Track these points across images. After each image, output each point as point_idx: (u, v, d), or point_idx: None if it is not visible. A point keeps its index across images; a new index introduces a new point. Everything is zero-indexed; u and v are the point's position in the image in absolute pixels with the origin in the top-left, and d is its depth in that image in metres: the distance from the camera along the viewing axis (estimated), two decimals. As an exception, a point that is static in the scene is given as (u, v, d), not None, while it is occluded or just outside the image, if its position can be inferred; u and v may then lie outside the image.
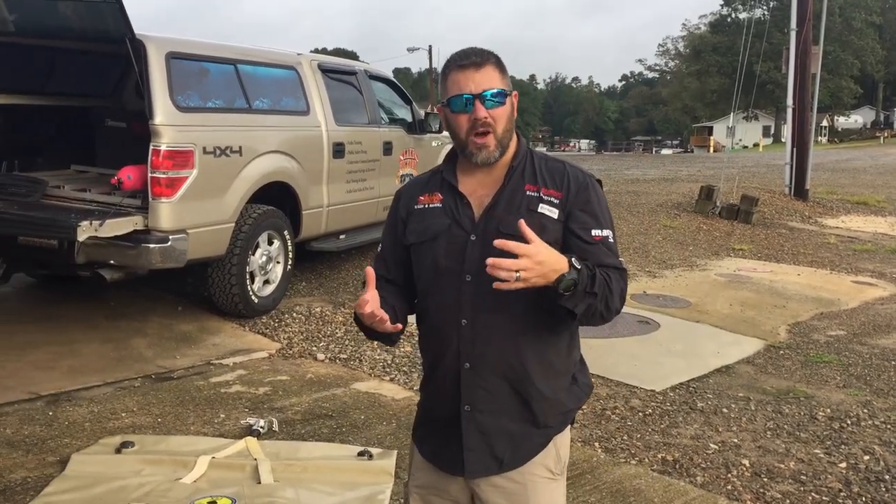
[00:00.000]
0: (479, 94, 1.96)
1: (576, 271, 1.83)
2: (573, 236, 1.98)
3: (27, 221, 5.46)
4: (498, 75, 2.00)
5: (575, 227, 1.99)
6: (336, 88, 7.50)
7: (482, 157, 1.99)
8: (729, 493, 3.87)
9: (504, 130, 2.00)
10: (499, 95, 1.98)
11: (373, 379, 5.33)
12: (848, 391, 5.43)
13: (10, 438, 4.11)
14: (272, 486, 3.63)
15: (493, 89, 1.97)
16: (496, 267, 1.76)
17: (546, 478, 2.06)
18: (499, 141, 1.99)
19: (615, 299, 1.94)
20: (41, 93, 6.81)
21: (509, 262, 1.77)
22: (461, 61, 2.00)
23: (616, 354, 5.97)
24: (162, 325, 6.13)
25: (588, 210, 2.01)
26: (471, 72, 1.98)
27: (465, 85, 1.97)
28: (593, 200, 2.02)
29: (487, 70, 1.99)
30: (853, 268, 10.18)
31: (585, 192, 2.02)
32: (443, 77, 2.05)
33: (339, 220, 7.47)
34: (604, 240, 1.99)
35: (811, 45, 15.08)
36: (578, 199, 2.00)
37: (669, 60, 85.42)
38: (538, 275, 1.79)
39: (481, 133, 1.97)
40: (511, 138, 2.04)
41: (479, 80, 1.97)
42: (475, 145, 1.99)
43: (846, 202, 16.90)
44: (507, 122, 2.00)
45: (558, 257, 1.83)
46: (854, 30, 60.99)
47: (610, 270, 1.95)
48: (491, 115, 1.97)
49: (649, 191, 16.07)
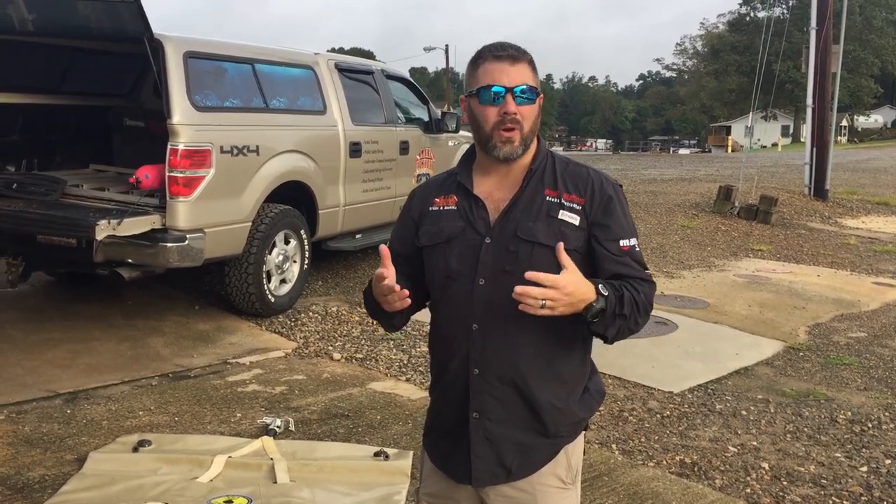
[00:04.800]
0: (511, 87, 1.91)
1: (604, 299, 1.82)
2: (601, 248, 1.94)
3: (46, 220, 5.49)
4: (531, 74, 1.95)
5: (602, 238, 1.94)
6: (353, 88, 7.50)
7: (506, 152, 1.94)
8: (748, 496, 3.83)
9: (530, 130, 1.95)
10: (530, 92, 1.93)
11: (389, 379, 5.32)
12: (869, 394, 5.37)
13: (28, 436, 4.13)
14: (288, 485, 3.63)
15: (526, 85, 1.93)
16: (524, 295, 1.75)
17: (557, 487, 2.01)
18: (524, 139, 1.94)
19: (643, 315, 1.92)
20: (60, 92, 6.85)
21: (537, 290, 1.75)
22: (497, 52, 1.94)
23: (633, 356, 5.93)
24: (179, 324, 6.15)
25: (614, 220, 1.95)
26: (506, 64, 1.92)
27: (498, 77, 1.92)
28: (618, 209, 1.97)
29: (522, 66, 1.94)
30: (874, 269, 10.07)
31: (611, 201, 1.96)
32: (473, 67, 1.98)
33: (356, 220, 7.47)
34: (631, 249, 1.96)
35: (831, 43, 14.93)
36: (603, 208, 1.95)
37: (687, 60, 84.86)
38: (565, 304, 1.78)
39: (509, 128, 1.92)
40: (534, 139, 1.99)
41: (514, 74, 1.92)
42: (500, 138, 1.93)
43: (866, 202, 16.74)
44: (533, 121, 1.95)
45: (587, 287, 1.81)
46: (874, 28, 60.44)
47: (638, 284, 1.92)
48: (520, 111, 1.92)
49: (667, 191, 15.98)
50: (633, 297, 1.89)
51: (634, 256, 1.97)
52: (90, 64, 6.93)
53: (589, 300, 1.81)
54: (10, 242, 5.86)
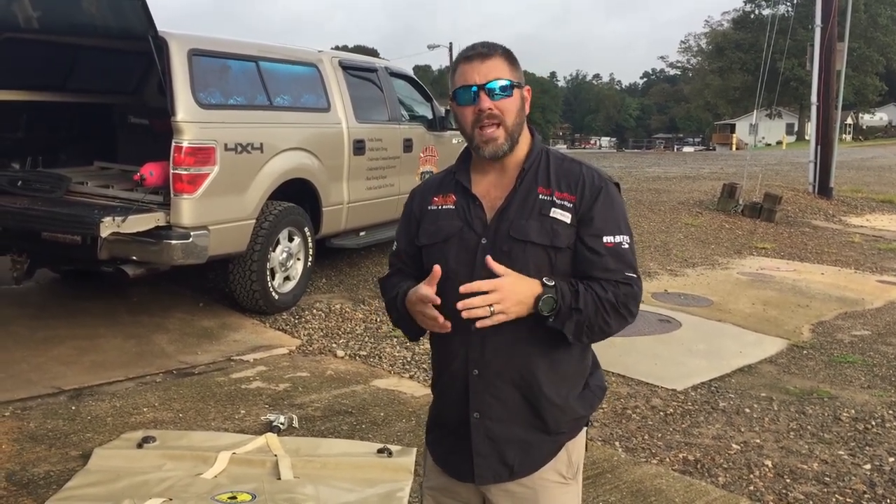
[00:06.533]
0: (483, 84, 1.90)
1: (551, 289, 1.82)
2: (581, 244, 1.91)
3: (51, 217, 5.51)
4: (506, 67, 1.94)
5: (585, 234, 1.91)
6: (357, 85, 7.50)
7: (490, 151, 1.93)
8: (751, 493, 3.83)
9: (514, 124, 1.93)
10: (506, 87, 1.92)
11: (392, 376, 5.33)
12: (873, 392, 5.36)
13: (33, 432, 4.15)
14: (292, 482, 3.64)
15: (500, 80, 1.91)
16: (468, 307, 1.78)
17: (558, 483, 2.01)
18: (509, 134, 1.93)
19: (614, 315, 1.88)
20: (64, 90, 6.87)
21: (478, 299, 1.77)
22: (468, 52, 1.96)
23: (637, 353, 5.93)
24: (183, 321, 6.17)
25: (600, 215, 1.92)
26: (476, 63, 1.92)
27: (470, 76, 1.92)
28: (608, 205, 1.93)
29: (494, 61, 1.93)
30: (878, 267, 10.06)
31: (599, 196, 1.93)
32: (451, 72, 2.00)
33: (360, 217, 7.48)
34: (616, 247, 1.91)
35: (836, 41, 14.91)
36: (592, 204, 1.92)
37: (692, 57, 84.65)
38: (514, 303, 1.79)
39: (488, 125, 1.91)
40: (521, 132, 1.98)
41: (485, 70, 1.91)
42: (481, 138, 1.93)
43: (871, 200, 16.70)
44: (516, 115, 1.94)
45: (529, 282, 1.82)
46: (879, 26, 60.26)
47: (610, 284, 1.88)
48: (498, 106, 1.91)
49: (671, 189, 15.97)
50: (597, 294, 1.86)
51: (619, 255, 1.91)
52: (94, 61, 6.95)
53: (536, 293, 1.81)
54: (14, 239, 5.88)
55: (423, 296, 1.88)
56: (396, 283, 2.08)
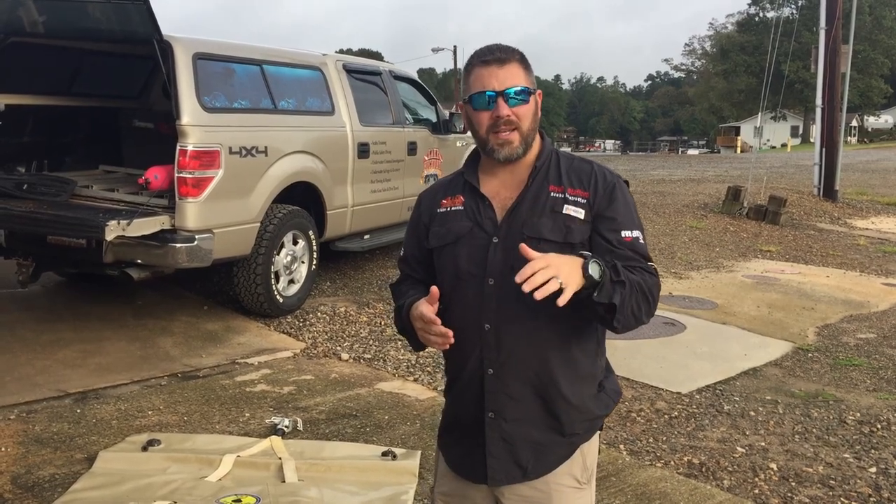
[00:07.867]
0: (502, 91, 1.91)
1: (591, 257, 1.78)
2: (601, 238, 1.92)
3: (56, 221, 5.52)
4: (522, 73, 1.95)
5: (603, 228, 1.93)
6: (361, 89, 7.51)
7: (505, 154, 1.94)
8: (756, 496, 3.82)
9: (528, 129, 1.95)
10: (523, 93, 1.93)
11: (397, 379, 5.33)
12: (878, 395, 5.35)
13: (38, 435, 4.16)
14: (296, 485, 3.64)
15: (517, 87, 1.92)
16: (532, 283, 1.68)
17: (572, 487, 2.00)
18: (524, 138, 1.95)
19: (645, 299, 1.87)
20: (70, 94, 6.89)
21: (539, 275, 1.69)
22: (485, 57, 1.95)
23: (641, 356, 5.92)
24: (188, 324, 6.18)
25: (617, 211, 1.94)
26: (494, 68, 1.93)
27: (488, 82, 1.92)
28: (622, 201, 1.96)
29: (511, 67, 1.94)
30: (883, 270, 10.03)
31: (614, 193, 1.96)
32: (465, 73, 2.00)
33: (364, 220, 7.48)
34: (633, 241, 1.93)
35: (840, 43, 14.88)
36: (607, 200, 1.94)
37: (696, 60, 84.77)
38: (568, 273, 1.72)
39: (504, 130, 1.92)
40: (535, 136, 1.99)
41: (503, 76, 1.92)
42: (497, 141, 1.94)
43: (876, 203, 16.67)
44: (531, 120, 1.95)
45: (569, 255, 1.79)
46: (884, 28, 60.20)
47: (637, 271, 1.89)
48: (515, 112, 1.92)
49: (675, 191, 15.95)
50: (630, 274, 1.85)
51: (637, 248, 1.93)
52: (100, 66, 6.97)
53: (580, 262, 1.77)
54: (20, 243, 5.89)
55: (423, 315, 1.88)
56: (405, 291, 2.09)
